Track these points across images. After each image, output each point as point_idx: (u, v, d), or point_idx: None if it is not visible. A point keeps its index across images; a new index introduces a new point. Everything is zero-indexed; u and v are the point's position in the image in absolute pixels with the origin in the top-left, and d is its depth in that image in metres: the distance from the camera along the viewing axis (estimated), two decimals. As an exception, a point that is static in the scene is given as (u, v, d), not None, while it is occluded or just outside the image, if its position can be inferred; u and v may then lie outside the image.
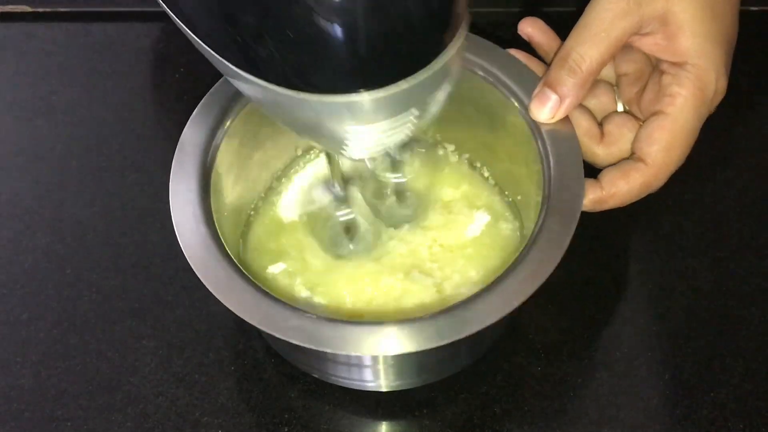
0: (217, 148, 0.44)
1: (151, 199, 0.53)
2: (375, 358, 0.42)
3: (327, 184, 0.47)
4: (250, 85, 0.33)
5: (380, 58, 0.32)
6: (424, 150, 0.51)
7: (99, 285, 0.50)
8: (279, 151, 0.50)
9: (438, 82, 0.34)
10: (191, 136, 0.43)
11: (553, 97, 0.43)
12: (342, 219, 0.47)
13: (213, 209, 0.41)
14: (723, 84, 0.43)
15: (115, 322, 0.49)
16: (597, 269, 0.49)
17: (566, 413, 0.46)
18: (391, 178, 0.48)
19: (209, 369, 0.47)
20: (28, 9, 0.62)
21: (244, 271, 0.39)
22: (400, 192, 0.49)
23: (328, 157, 0.44)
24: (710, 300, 0.49)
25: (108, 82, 0.59)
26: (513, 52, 0.46)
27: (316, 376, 0.46)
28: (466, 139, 0.51)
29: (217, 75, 0.35)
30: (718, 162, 0.45)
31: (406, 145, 0.48)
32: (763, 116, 0.57)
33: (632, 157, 0.44)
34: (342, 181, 0.46)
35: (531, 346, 0.47)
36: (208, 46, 0.32)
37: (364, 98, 0.32)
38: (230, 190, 0.45)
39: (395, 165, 0.48)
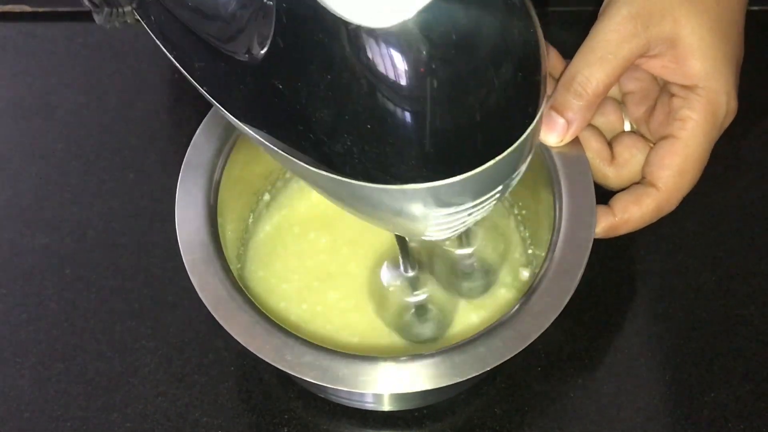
0: (223, 167, 0.43)
1: (151, 199, 0.53)
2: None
3: (396, 266, 0.45)
4: (322, 180, 0.31)
5: (469, 143, 0.30)
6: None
7: (99, 285, 0.50)
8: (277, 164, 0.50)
9: (523, 155, 0.32)
10: (195, 156, 0.43)
11: (560, 121, 0.42)
12: (414, 302, 0.45)
13: (219, 233, 0.41)
14: (733, 105, 0.43)
15: (115, 323, 0.49)
16: (597, 269, 0.49)
17: (566, 413, 0.46)
18: (457, 251, 0.46)
19: (209, 369, 0.47)
20: (28, 9, 0.62)
21: (259, 307, 0.39)
22: (469, 265, 0.47)
23: (399, 240, 0.42)
24: (710, 300, 0.49)
25: (108, 82, 0.59)
26: None
27: (313, 391, 0.46)
28: None
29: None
30: (718, 162, 0.44)
31: None
32: (763, 116, 0.57)
33: (643, 181, 0.44)
34: (412, 262, 0.44)
35: (531, 347, 0.47)
36: (277, 146, 0.31)
37: (449, 182, 0.30)
38: (234, 206, 0.45)
39: (461, 238, 0.46)
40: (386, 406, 0.45)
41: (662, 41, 0.42)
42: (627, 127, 0.47)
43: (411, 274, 0.44)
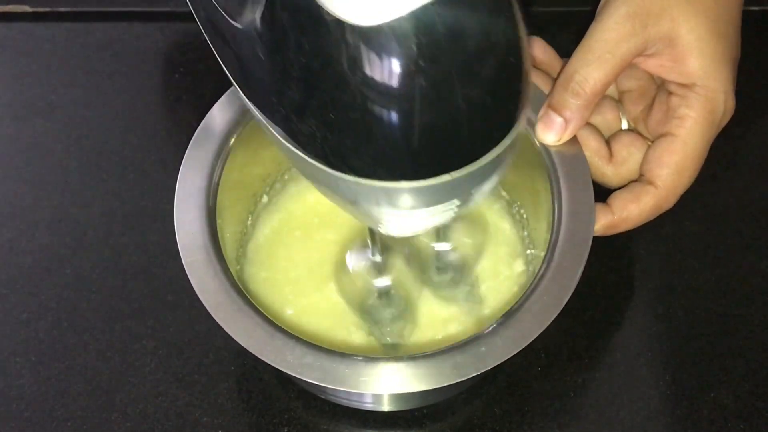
0: (222, 168, 0.43)
1: (151, 199, 0.53)
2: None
3: (364, 248, 0.45)
4: (289, 152, 0.32)
5: (425, 152, 0.30)
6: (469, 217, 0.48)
7: (99, 285, 0.50)
8: (278, 165, 0.49)
9: (485, 175, 0.32)
10: (194, 157, 0.43)
11: (558, 120, 0.42)
12: (379, 287, 0.46)
13: (218, 235, 0.41)
14: (731, 104, 0.43)
15: (115, 322, 0.49)
16: (597, 269, 0.49)
17: (566, 413, 0.46)
18: (435, 245, 0.46)
19: (209, 369, 0.47)
20: (28, 9, 0.62)
21: (259, 308, 0.39)
22: (444, 259, 0.47)
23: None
24: (710, 300, 0.49)
25: (108, 82, 0.59)
26: None
27: (312, 391, 0.46)
28: None
29: (217, 77, 0.35)
30: (718, 162, 0.45)
31: None
32: (763, 116, 0.57)
33: (641, 179, 0.44)
34: (381, 246, 0.44)
35: (531, 346, 0.47)
36: (255, 106, 0.32)
37: (403, 186, 0.30)
38: (233, 208, 0.45)
39: (439, 231, 0.46)
40: (386, 406, 0.45)
41: (660, 40, 0.42)
42: (624, 125, 0.47)
43: (378, 258, 0.44)
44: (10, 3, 0.62)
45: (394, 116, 0.28)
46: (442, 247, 0.46)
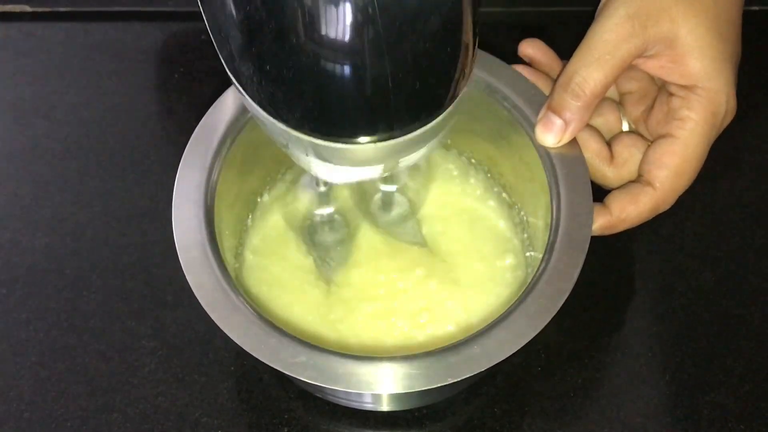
0: (221, 167, 0.43)
1: (151, 199, 0.53)
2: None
3: (311, 179, 0.46)
4: (238, 90, 0.34)
5: (350, 118, 0.31)
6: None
7: (99, 285, 0.50)
8: (278, 164, 0.50)
9: (411, 148, 0.33)
10: (192, 156, 0.43)
11: (558, 122, 0.42)
12: (320, 214, 0.47)
13: (216, 233, 0.41)
14: (733, 105, 0.43)
15: (114, 322, 0.49)
16: (597, 269, 0.49)
17: (566, 413, 0.46)
18: (381, 185, 0.47)
19: (209, 369, 0.47)
20: (28, 9, 0.62)
21: (256, 306, 0.39)
22: (388, 199, 0.48)
23: None
24: (710, 300, 0.49)
25: (108, 82, 0.59)
26: (518, 68, 0.46)
27: (311, 391, 0.46)
28: (474, 151, 0.50)
29: (217, 77, 0.35)
30: (718, 162, 0.45)
31: None
32: (763, 116, 0.57)
33: (640, 179, 0.44)
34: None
35: (531, 346, 0.47)
36: (214, 41, 0.33)
37: (328, 145, 0.32)
38: (232, 206, 0.45)
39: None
40: (385, 406, 0.45)
41: (660, 41, 0.42)
42: (625, 127, 0.47)
43: (323, 189, 0.45)
44: (10, 3, 0.62)
45: (323, 77, 0.30)
46: (387, 188, 0.47)
